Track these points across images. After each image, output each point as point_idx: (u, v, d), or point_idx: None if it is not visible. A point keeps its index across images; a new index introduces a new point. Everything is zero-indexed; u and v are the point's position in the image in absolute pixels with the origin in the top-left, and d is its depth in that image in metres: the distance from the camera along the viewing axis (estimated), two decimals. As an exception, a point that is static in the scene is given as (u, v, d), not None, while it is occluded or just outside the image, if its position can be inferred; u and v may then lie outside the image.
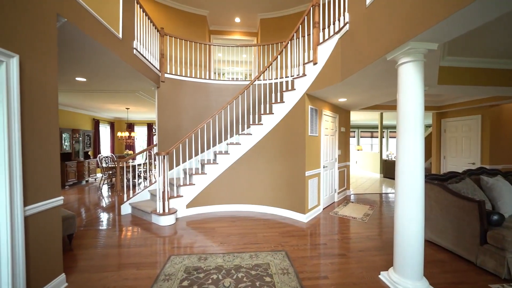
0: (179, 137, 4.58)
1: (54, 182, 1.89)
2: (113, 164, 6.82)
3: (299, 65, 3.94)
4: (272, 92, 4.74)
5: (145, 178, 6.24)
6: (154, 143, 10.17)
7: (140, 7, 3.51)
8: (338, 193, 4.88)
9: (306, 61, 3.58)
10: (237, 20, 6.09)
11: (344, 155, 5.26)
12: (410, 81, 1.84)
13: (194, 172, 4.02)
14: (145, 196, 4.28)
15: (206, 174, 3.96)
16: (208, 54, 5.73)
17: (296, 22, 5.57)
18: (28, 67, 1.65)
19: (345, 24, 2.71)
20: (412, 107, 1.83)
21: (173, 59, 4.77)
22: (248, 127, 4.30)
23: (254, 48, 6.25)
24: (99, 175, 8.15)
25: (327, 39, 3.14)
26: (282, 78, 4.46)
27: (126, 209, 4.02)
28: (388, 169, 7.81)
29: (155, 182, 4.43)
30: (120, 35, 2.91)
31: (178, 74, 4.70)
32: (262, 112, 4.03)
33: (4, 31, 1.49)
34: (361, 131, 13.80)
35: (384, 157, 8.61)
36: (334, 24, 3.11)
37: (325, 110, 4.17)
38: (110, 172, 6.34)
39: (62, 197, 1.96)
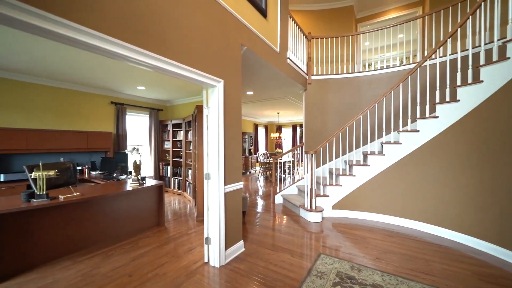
0: (324, 136, 4.58)
1: (238, 171, 2.53)
2: (267, 159, 8.22)
3: (515, 20, 2.50)
4: (456, 71, 3.42)
5: (292, 174, 6.91)
6: (298, 143, 11.12)
7: (292, 20, 3.88)
8: None
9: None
10: (393, -6, 5.05)
11: None
12: None
13: (341, 173, 3.81)
14: (293, 190, 4.70)
15: (354, 176, 3.62)
16: (357, 45, 5.25)
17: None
18: (226, 87, 2.33)
19: None
20: None
21: (319, 60, 4.85)
22: (413, 121, 3.39)
23: (419, 21, 4.87)
24: (257, 168, 10.19)
25: None
26: (475, 48, 3.08)
27: (278, 199, 4.65)
28: None
29: (300, 178, 4.74)
30: (278, 49, 3.38)
31: (324, 73, 4.71)
32: (437, 101, 3.01)
33: (219, 65, 2.19)
34: None
35: None
36: None
37: None
38: (266, 166, 7.68)
39: (242, 182, 2.59)
